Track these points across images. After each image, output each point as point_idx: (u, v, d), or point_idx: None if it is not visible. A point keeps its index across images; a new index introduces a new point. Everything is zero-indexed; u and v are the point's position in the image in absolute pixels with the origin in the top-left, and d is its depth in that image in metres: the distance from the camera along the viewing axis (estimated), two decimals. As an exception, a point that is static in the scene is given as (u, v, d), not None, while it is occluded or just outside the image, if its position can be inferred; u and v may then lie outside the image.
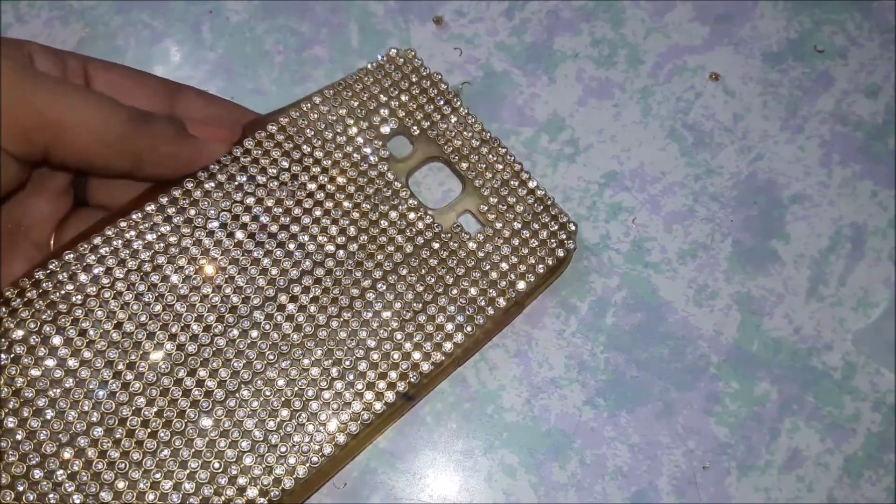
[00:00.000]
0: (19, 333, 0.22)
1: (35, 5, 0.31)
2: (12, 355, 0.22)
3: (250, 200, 0.25)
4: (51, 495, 0.22)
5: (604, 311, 0.29)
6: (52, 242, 0.24)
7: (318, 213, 0.25)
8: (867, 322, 0.29)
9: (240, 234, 0.24)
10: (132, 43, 0.31)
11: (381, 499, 0.27)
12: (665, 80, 0.31)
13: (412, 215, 0.26)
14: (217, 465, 0.23)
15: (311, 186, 0.25)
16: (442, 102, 0.27)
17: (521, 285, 0.26)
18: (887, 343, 0.29)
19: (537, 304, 0.29)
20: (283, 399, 0.24)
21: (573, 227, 0.27)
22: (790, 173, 0.30)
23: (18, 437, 0.22)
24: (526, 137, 0.30)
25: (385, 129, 0.27)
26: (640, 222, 0.30)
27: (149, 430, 0.23)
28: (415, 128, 0.27)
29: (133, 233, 0.24)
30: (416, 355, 0.25)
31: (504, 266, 0.26)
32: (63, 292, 0.23)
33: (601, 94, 0.31)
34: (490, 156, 0.27)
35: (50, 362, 0.22)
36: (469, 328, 0.25)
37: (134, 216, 0.24)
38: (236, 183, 0.25)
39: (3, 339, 0.22)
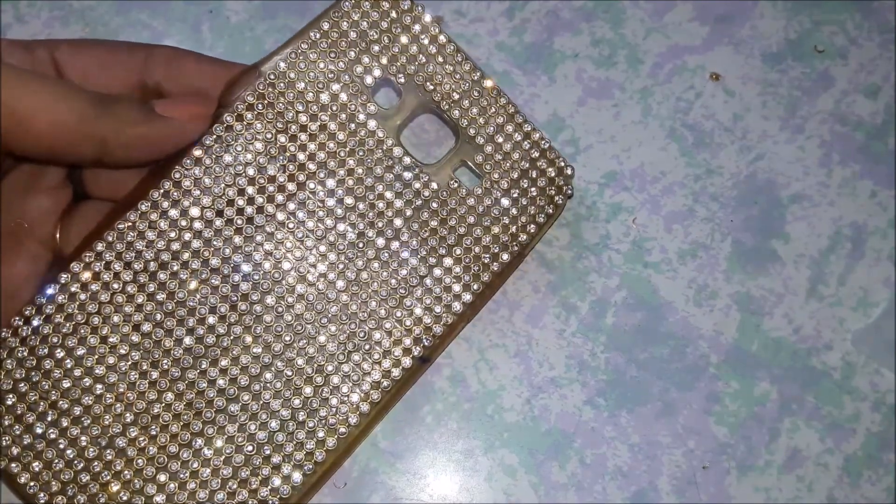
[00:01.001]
0: (45, 349, 0.23)
1: (35, 5, 0.31)
2: (43, 370, 0.23)
3: (242, 181, 0.24)
4: (100, 495, 0.23)
5: (604, 311, 0.29)
6: (57, 237, 0.24)
7: (312, 185, 0.25)
8: (867, 322, 0.29)
9: (238, 220, 0.24)
10: (132, 43, 0.31)
11: (381, 499, 0.27)
12: (665, 80, 0.31)
13: (408, 175, 0.25)
14: (250, 448, 0.24)
15: (301, 157, 0.25)
16: (427, 40, 0.26)
17: (523, 237, 0.26)
18: (887, 343, 0.29)
19: (537, 303, 0.29)
20: (304, 377, 0.24)
21: (570, 172, 0.26)
22: (790, 173, 0.30)
23: (62, 446, 0.23)
24: (526, 137, 0.30)
25: (368, 80, 0.25)
26: (640, 222, 0.30)
27: (181, 423, 0.23)
28: (400, 75, 0.26)
29: (133, 234, 0.24)
30: (427, 319, 0.25)
31: (505, 219, 0.26)
32: (78, 303, 0.23)
33: (601, 95, 0.31)
34: (482, 100, 0.26)
35: (78, 371, 0.23)
36: (476, 286, 0.25)
37: (131, 217, 0.24)
38: (224, 164, 0.24)
39: (32, 358, 0.23)
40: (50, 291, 0.23)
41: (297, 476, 0.24)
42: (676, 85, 0.31)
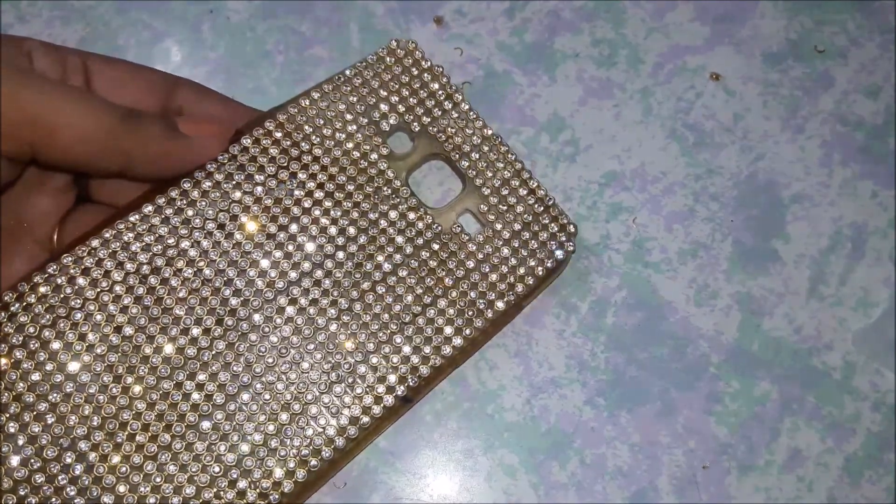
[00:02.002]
0: (19, 338, 0.22)
1: (36, 5, 0.31)
2: (13, 360, 0.22)
3: (248, 200, 0.25)
4: (53, 499, 0.22)
5: (604, 311, 0.29)
6: (54, 239, 0.24)
7: (316, 212, 0.25)
8: (867, 322, 0.29)
9: (238, 236, 0.24)
10: (132, 43, 0.31)
11: (381, 499, 0.27)
12: (665, 80, 0.31)
13: (412, 215, 0.26)
14: (217, 469, 0.23)
15: (310, 185, 0.25)
16: (443, 97, 0.27)
17: (520, 288, 0.26)
18: (887, 343, 0.29)
19: (537, 303, 0.29)
20: (282, 403, 0.24)
21: (573, 229, 0.27)
22: (791, 173, 0.30)
23: (20, 442, 0.22)
24: (526, 137, 0.30)
25: (385, 126, 0.26)
26: (641, 222, 0.30)
27: (149, 434, 0.23)
28: (415, 124, 0.27)
29: (131, 235, 0.23)
30: (415, 359, 0.25)
31: (504, 269, 0.26)
32: (62, 296, 0.23)
33: (602, 94, 0.31)
34: (491, 154, 0.27)
35: (49, 366, 0.22)
36: (468, 331, 0.25)
37: (132, 218, 0.24)
38: (234, 182, 0.24)
39: (2, 345, 0.22)
40: (35, 280, 0.23)
41: None
42: (677, 85, 0.31)
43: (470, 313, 0.25)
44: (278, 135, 0.25)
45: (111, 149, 0.22)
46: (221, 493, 0.23)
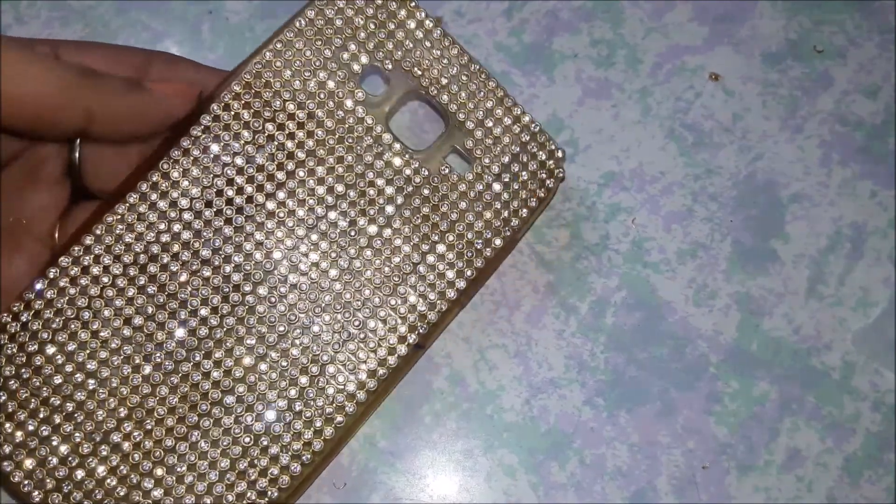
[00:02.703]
0: (34, 346, 0.23)
1: (35, 6, 0.31)
2: (34, 366, 0.23)
3: (231, 171, 0.24)
4: (96, 492, 0.23)
5: (603, 311, 0.29)
6: (56, 235, 0.24)
7: (301, 174, 0.25)
8: (867, 322, 0.29)
9: (228, 211, 0.24)
10: (132, 43, 0.31)
11: (381, 499, 0.27)
12: (664, 80, 0.31)
13: (398, 162, 0.25)
14: (248, 440, 0.24)
15: (290, 145, 0.25)
16: (414, 26, 0.25)
17: (515, 222, 0.26)
18: (887, 343, 0.29)
19: (537, 303, 0.29)
20: (300, 367, 0.24)
21: (561, 154, 0.26)
22: (790, 173, 0.30)
23: (55, 443, 0.23)
24: (525, 137, 0.30)
25: (356, 67, 0.25)
26: (640, 222, 0.30)
27: (177, 417, 0.23)
28: (387, 61, 0.26)
29: (122, 227, 0.23)
30: (422, 307, 0.25)
31: (497, 204, 0.26)
32: (67, 298, 0.23)
33: (600, 95, 0.31)
34: (471, 84, 0.26)
35: (69, 367, 0.23)
36: (469, 273, 0.25)
37: (119, 209, 0.24)
38: (212, 156, 0.24)
39: (21, 354, 0.23)
40: (38, 286, 0.23)
41: (295, 466, 0.24)
42: (676, 85, 0.31)
43: (469, 254, 0.25)
44: (248, 97, 0.24)
45: (69, 103, 0.22)
46: (255, 461, 0.23)
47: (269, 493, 0.23)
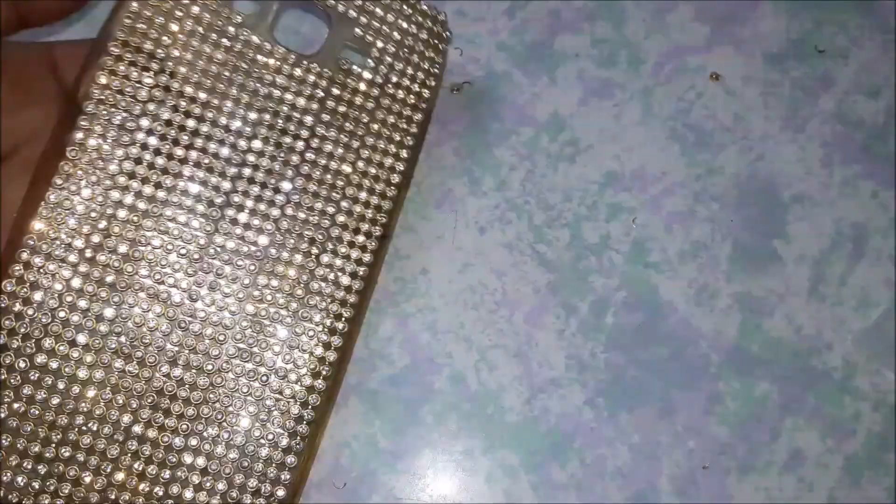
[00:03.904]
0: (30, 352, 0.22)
1: (36, 5, 0.31)
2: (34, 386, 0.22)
3: (140, 136, 0.23)
4: (141, 485, 0.22)
5: (604, 312, 0.29)
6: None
7: (210, 114, 0.24)
8: (868, 322, 0.29)
9: (148, 190, 0.23)
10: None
11: (381, 499, 0.27)
12: (666, 81, 0.31)
13: (298, 71, 0.25)
14: (263, 371, 0.23)
15: (189, 90, 0.24)
16: None
17: (426, 92, 0.26)
18: (887, 343, 0.29)
19: (537, 303, 0.29)
20: (286, 293, 0.24)
21: (443, 17, 0.26)
22: (791, 173, 0.30)
23: (81, 459, 0.22)
24: (526, 137, 0.30)
25: None
26: (641, 222, 0.30)
27: (184, 384, 0.23)
28: None
29: (60, 210, 0.23)
30: (374, 199, 0.25)
31: (405, 82, 0.26)
32: (35, 304, 0.22)
33: (602, 94, 0.31)
34: None
35: (61, 385, 0.22)
36: (404, 153, 0.25)
37: (51, 197, 0.23)
38: (117, 124, 0.23)
39: (22, 362, 0.22)
40: (4, 301, 0.22)
41: (318, 383, 0.24)
42: (677, 85, 0.31)
43: (398, 137, 0.25)
44: (129, 55, 0.23)
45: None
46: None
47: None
